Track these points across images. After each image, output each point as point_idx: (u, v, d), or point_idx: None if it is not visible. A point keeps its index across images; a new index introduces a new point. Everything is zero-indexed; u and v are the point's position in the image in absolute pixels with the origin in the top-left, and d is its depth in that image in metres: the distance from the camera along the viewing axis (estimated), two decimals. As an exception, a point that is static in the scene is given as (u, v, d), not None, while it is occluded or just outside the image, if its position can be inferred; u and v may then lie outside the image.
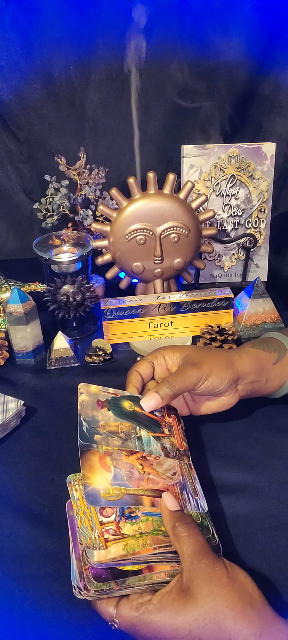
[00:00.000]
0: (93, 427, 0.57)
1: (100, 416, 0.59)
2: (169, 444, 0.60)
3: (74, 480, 0.57)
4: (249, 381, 0.68)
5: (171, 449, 0.59)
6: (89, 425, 0.57)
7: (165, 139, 1.25)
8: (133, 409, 0.62)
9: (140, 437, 0.58)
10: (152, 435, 0.59)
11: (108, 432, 0.57)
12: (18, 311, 0.86)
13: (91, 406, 0.60)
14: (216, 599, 0.43)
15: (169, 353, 0.68)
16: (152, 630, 0.44)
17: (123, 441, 0.57)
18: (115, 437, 0.57)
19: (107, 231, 0.96)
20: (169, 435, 0.61)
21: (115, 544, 0.49)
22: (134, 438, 0.57)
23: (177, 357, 0.67)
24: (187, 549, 0.46)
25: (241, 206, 1.09)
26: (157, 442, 0.58)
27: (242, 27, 1.12)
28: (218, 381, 0.64)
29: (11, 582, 0.54)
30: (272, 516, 0.61)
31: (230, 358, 0.67)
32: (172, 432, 0.62)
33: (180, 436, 0.62)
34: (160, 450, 0.58)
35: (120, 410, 0.61)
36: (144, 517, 0.52)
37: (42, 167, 1.25)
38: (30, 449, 0.72)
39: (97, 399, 0.61)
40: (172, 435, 0.61)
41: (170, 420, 0.64)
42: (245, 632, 0.42)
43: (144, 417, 0.61)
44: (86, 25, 1.13)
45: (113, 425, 0.58)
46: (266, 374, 0.69)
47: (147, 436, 0.59)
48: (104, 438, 0.56)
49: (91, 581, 0.46)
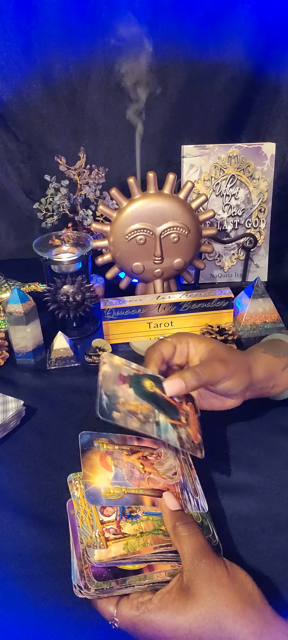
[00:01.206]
0: (113, 402, 0.55)
1: (121, 392, 0.57)
2: (185, 434, 0.57)
3: (74, 480, 0.57)
4: (257, 388, 0.68)
5: (186, 439, 0.57)
6: (109, 399, 0.55)
7: (165, 139, 1.25)
8: (154, 390, 0.59)
9: (159, 422, 0.56)
10: (169, 423, 0.57)
11: (127, 411, 0.55)
12: (18, 311, 0.86)
13: (113, 379, 0.58)
14: (216, 599, 0.43)
15: (194, 341, 0.65)
16: (152, 629, 0.44)
17: (141, 423, 0.54)
18: (134, 417, 0.55)
19: (107, 231, 0.96)
20: (186, 424, 0.59)
21: (115, 543, 0.49)
22: (152, 422, 0.55)
23: (201, 348, 0.64)
24: (188, 548, 0.46)
25: (241, 206, 1.09)
26: (174, 431, 0.56)
27: (242, 27, 1.12)
28: (237, 384, 0.63)
29: (11, 582, 0.54)
30: (272, 516, 0.61)
31: (249, 363, 0.66)
32: (188, 422, 0.60)
33: (196, 427, 0.60)
34: (176, 440, 0.56)
35: (141, 390, 0.58)
36: (145, 517, 0.52)
37: (42, 167, 1.25)
38: (30, 449, 0.72)
39: (119, 373, 0.59)
40: (189, 425, 0.59)
41: (187, 408, 0.62)
42: (245, 632, 0.42)
43: (163, 401, 0.59)
44: (86, 25, 1.13)
45: (133, 404, 0.56)
46: (274, 380, 0.69)
47: (164, 422, 0.57)
48: (123, 417, 0.54)
49: (92, 580, 0.46)
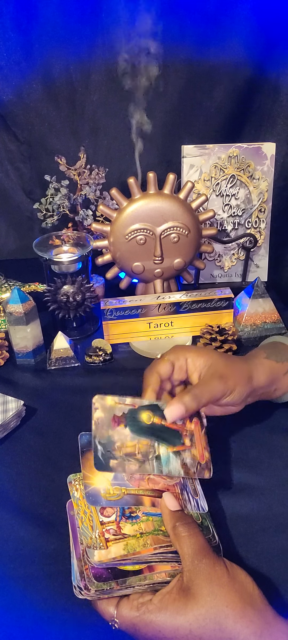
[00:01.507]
0: (108, 450, 0.53)
1: (116, 436, 0.55)
2: (190, 457, 0.56)
3: (74, 480, 0.57)
4: (259, 393, 0.67)
5: (192, 464, 0.56)
6: (104, 448, 0.53)
7: (165, 139, 1.25)
8: (151, 420, 0.58)
9: (159, 456, 0.55)
10: (171, 451, 0.56)
11: (124, 455, 0.54)
12: (18, 311, 0.86)
13: (106, 424, 0.56)
14: (217, 599, 0.43)
15: (193, 356, 0.63)
16: (152, 630, 0.44)
17: (140, 464, 0.53)
18: (132, 460, 0.53)
19: (107, 231, 0.96)
20: (190, 446, 0.58)
21: (115, 544, 0.49)
22: (152, 459, 0.54)
23: (200, 364, 0.63)
24: (188, 548, 0.46)
25: (241, 206, 1.09)
26: (177, 459, 0.55)
27: (242, 27, 1.12)
28: (238, 396, 0.62)
29: (11, 582, 0.54)
30: (272, 516, 0.61)
31: (250, 372, 0.65)
32: (193, 442, 0.58)
33: (202, 445, 0.58)
34: (180, 469, 0.55)
35: (137, 426, 0.57)
36: (145, 517, 0.52)
37: (42, 167, 1.25)
38: (30, 449, 0.72)
39: (112, 415, 0.57)
40: (194, 446, 0.58)
41: (191, 426, 0.60)
42: (245, 632, 0.42)
43: (163, 429, 0.57)
44: (86, 25, 1.13)
45: (130, 445, 0.55)
46: (276, 384, 0.69)
47: (166, 454, 0.55)
48: (120, 463, 0.53)
49: (92, 581, 0.46)
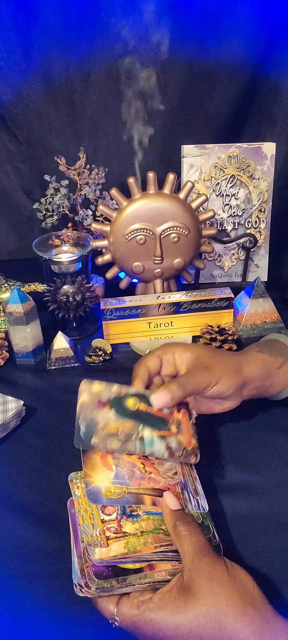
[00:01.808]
0: (91, 429, 0.55)
1: (100, 417, 0.57)
2: (175, 442, 0.57)
3: (75, 479, 0.57)
4: (254, 386, 0.68)
5: (177, 448, 0.57)
6: (86, 429, 0.55)
7: (165, 139, 1.25)
8: (137, 407, 0.59)
9: (142, 437, 0.56)
10: (156, 435, 0.57)
11: (106, 434, 0.55)
12: (18, 311, 0.86)
13: (91, 408, 0.57)
14: (217, 598, 0.43)
15: (180, 351, 0.66)
16: (152, 628, 0.44)
17: (122, 443, 0.55)
18: (114, 439, 0.55)
19: (107, 231, 0.96)
20: (176, 433, 0.59)
21: (116, 542, 0.49)
22: (135, 439, 0.56)
23: (187, 357, 0.65)
24: (188, 547, 0.46)
25: (241, 206, 1.09)
26: (161, 442, 0.56)
27: (242, 27, 1.12)
28: (226, 387, 0.63)
29: (11, 581, 0.54)
30: (272, 516, 0.61)
31: (239, 364, 0.66)
32: (180, 429, 0.59)
33: (189, 433, 0.60)
34: (164, 451, 0.56)
35: (122, 410, 0.58)
36: (145, 516, 0.52)
37: (42, 167, 1.25)
38: (30, 449, 0.72)
39: (98, 399, 0.59)
40: (180, 432, 0.59)
41: (179, 415, 0.61)
42: (245, 631, 0.42)
43: (149, 415, 0.59)
44: (86, 25, 1.13)
45: (113, 426, 0.56)
46: (271, 378, 0.69)
47: (150, 436, 0.57)
48: (102, 441, 0.54)
49: (92, 579, 0.46)
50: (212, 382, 0.62)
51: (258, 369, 0.67)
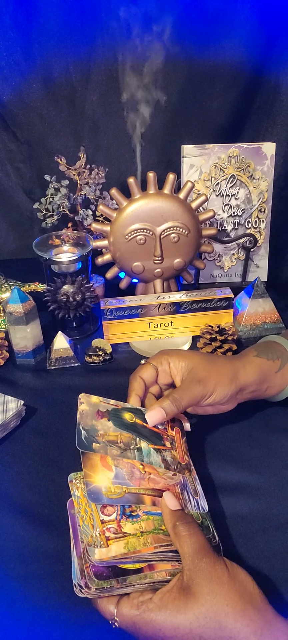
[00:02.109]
0: (92, 435, 0.56)
1: (99, 425, 0.58)
2: (170, 457, 0.58)
3: (75, 479, 0.57)
4: (249, 391, 0.68)
5: (172, 462, 0.57)
6: (87, 433, 0.56)
7: (165, 139, 1.25)
8: (134, 420, 0.61)
9: (140, 448, 0.57)
10: (152, 448, 0.58)
11: (107, 442, 0.56)
12: (18, 311, 0.86)
13: (91, 416, 0.59)
14: (217, 598, 0.43)
15: (174, 360, 0.66)
16: (152, 628, 0.44)
17: (122, 451, 0.56)
18: (114, 446, 0.56)
19: (107, 231, 0.96)
20: (171, 448, 0.60)
21: (116, 542, 0.49)
22: (134, 449, 0.57)
23: (182, 367, 0.65)
24: (188, 547, 0.46)
25: (241, 206, 1.09)
26: (158, 455, 0.57)
27: (242, 26, 1.12)
28: (221, 397, 0.64)
29: (11, 581, 0.54)
30: (272, 516, 0.61)
31: (235, 371, 0.66)
32: (174, 446, 0.60)
33: (182, 450, 0.61)
34: (161, 462, 0.56)
35: (120, 421, 0.60)
36: (145, 516, 0.52)
37: (42, 167, 1.25)
38: (30, 449, 0.72)
39: (97, 409, 0.60)
40: (174, 449, 0.60)
41: (173, 433, 0.63)
42: (245, 631, 0.42)
43: (144, 430, 0.60)
44: (86, 25, 1.13)
45: (112, 435, 0.58)
46: (267, 382, 0.69)
47: (147, 448, 0.58)
48: (103, 447, 0.55)
49: (92, 579, 0.46)
50: (207, 394, 0.63)
51: (255, 375, 0.67)
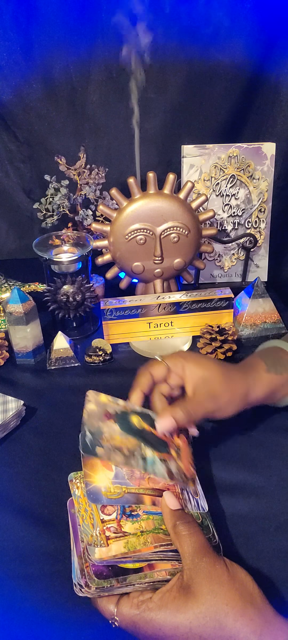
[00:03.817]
0: (97, 438, 0.54)
1: (106, 428, 0.56)
2: (175, 467, 0.57)
3: (75, 479, 0.57)
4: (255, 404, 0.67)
5: (177, 473, 0.56)
6: (93, 436, 0.54)
7: (165, 139, 1.25)
8: (141, 426, 0.59)
9: (145, 457, 0.55)
10: (157, 457, 0.56)
11: (112, 446, 0.54)
12: (18, 311, 0.86)
13: (98, 416, 0.57)
14: (217, 597, 0.43)
15: (190, 366, 0.64)
16: (152, 627, 0.44)
17: (126, 458, 0.54)
18: (118, 452, 0.54)
19: (107, 231, 0.96)
20: (176, 458, 0.58)
21: (116, 542, 0.49)
22: (138, 457, 0.55)
23: (197, 376, 0.63)
24: (188, 547, 0.46)
25: (241, 206, 1.09)
26: (163, 464, 0.56)
27: (242, 27, 1.12)
28: (229, 414, 0.64)
29: (11, 582, 0.54)
30: (272, 516, 0.61)
31: (247, 389, 0.65)
32: (179, 455, 0.59)
33: (188, 460, 0.59)
34: (165, 473, 0.55)
35: (127, 426, 0.58)
36: (145, 516, 0.52)
37: (42, 167, 1.26)
38: (30, 449, 0.72)
39: (105, 410, 0.58)
40: (179, 459, 0.58)
41: (179, 441, 0.61)
42: (245, 630, 0.42)
43: (151, 436, 0.59)
44: (86, 25, 1.13)
45: (118, 439, 0.56)
46: (274, 396, 0.69)
47: (152, 456, 0.56)
48: (106, 452, 0.53)
49: (92, 578, 0.46)
50: (218, 411, 0.63)
51: (264, 392, 0.67)
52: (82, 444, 0.53)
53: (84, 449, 0.53)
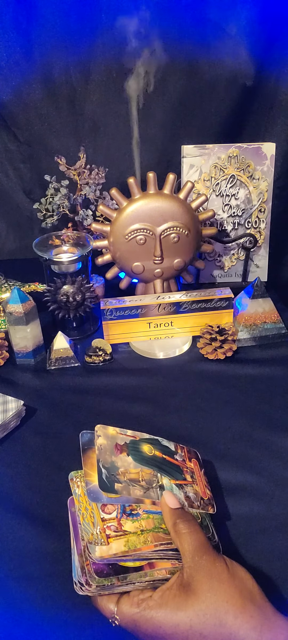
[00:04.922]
0: (113, 474, 0.53)
1: (119, 462, 0.55)
2: (193, 492, 0.56)
3: (75, 477, 0.57)
4: None
5: (195, 498, 0.55)
6: (108, 472, 0.53)
7: (165, 139, 1.25)
8: (153, 453, 0.59)
9: (162, 485, 0.55)
10: (174, 484, 0.56)
11: (129, 481, 0.54)
12: (18, 311, 0.86)
13: (109, 450, 0.56)
14: (217, 595, 0.43)
15: None
16: (153, 626, 0.44)
17: (145, 490, 0.53)
18: (137, 485, 0.53)
19: (107, 231, 0.96)
20: (192, 482, 0.58)
21: (116, 540, 0.49)
22: (156, 487, 0.54)
23: None
24: (188, 545, 0.46)
25: (241, 206, 1.09)
26: (180, 491, 0.55)
27: (242, 27, 1.12)
28: None
29: (11, 581, 0.54)
30: (272, 516, 0.61)
31: None
32: (194, 479, 0.58)
33: (203, 483, 0.59)
34: (184, 501, 0.54)
35: (140, 455, 0.57)
36: (145, 515, 0.53)
37: (42, 167, 1.26)
38: (30, 449, 0.72)
39: (115, 443, 0.58)
40: (195, 483, 0.58)
41: (191, 465, 0.61)
42: (245, 627, 0.42)
43: (165, 462, 0.58)
44: (86, 25, 1.13)
45: (133, 472, 0.55)
46: None
47: (169, 484, 0.55)
48: (125, 487, 0.53)
49: (93, 576, 0.46)
50: None
51: None
52: (99, 481, 0.52)
53: (102, 487, 0.52)
